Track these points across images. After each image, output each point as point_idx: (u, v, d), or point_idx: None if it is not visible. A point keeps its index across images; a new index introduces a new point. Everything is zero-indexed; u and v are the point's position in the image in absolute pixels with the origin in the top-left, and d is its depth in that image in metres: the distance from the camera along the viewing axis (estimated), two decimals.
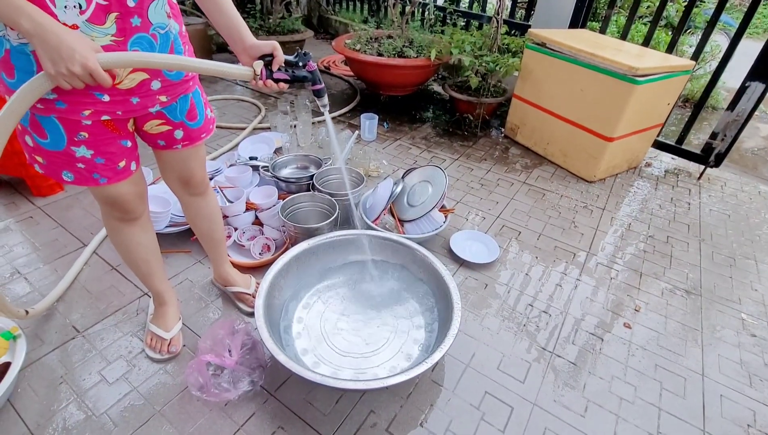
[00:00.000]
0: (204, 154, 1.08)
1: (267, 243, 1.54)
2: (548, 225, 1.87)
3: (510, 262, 1.63)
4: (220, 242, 1.28)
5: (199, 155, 1.05)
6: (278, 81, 0.87)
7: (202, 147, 1.05)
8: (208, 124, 1.02)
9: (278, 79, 0.87)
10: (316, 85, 0.92)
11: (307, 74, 0.90)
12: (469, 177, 2.19)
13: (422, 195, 1.64)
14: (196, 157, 1.04)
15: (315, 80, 0.92)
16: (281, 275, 1.28)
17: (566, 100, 2.18)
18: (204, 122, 1.00)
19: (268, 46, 0.86)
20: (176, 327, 1.21)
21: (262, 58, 0.86)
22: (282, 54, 0.87)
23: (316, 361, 1.18)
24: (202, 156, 1.07)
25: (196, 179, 1.07)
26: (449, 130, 2.66)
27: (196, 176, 1.07)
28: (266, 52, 0.86)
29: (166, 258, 1.51)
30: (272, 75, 0.86)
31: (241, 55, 0.89)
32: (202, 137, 1.01)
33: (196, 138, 1.00)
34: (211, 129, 1.04)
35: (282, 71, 0.87)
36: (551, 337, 1.33)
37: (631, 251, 1.74)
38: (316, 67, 0.91)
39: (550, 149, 2.37)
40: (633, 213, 1.99)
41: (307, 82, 0.90)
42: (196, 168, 1.06)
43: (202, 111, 0.99)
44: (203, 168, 1.09)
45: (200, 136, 1.01)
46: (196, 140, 1.00)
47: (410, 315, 1.33)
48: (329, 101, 1.03)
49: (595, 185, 2.20)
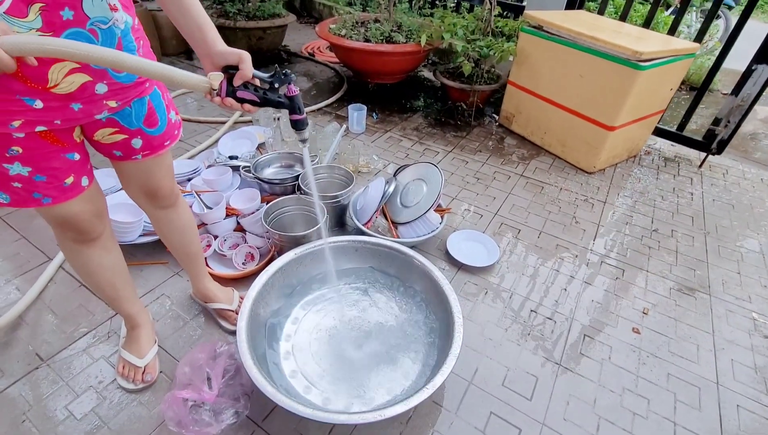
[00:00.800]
0: (170, 163, 0.95)
1: (250, 251, 1.42)
2: (549, 221, 1.78)
3: (511, 264, 1.54)
4: (196, 256, 1.16)
5: (165, 164, 0.92)
6: (243, 101, 0.71)
7: (167, 155, 0.92)
8: (171, 130, 0.89)
9: (243, 99, 0.71)
10: (295, 114, 0.75)
11: (284, 100, 0.73)
12: (464, 170, 2.08)
13: (416, 195, 1.54)
14: (160, 168, 0.91)
15: (293, 109, 0.74)
16: (266, 290, 1.18)
17: (564, 86, 2.07)
18: (167, 128, 0.87)
19: (234, 55, 0.70)
20: (151, 352, 1.10)
21: (226, 70, 0.70)
22: (250, 68, 0.70)
23: (307, 385, 1.08)
24: (169, 165, 0.94)
25: (163, 191, 0.95)
26: (441, 120, 2.54)
27: (163, 188, 0.94)
28: (231, 63, 0.70)
29: (140, 271, 1.38)
30: (234, 92, 0.70)
31: (204, 60, 0.73)
32: (166, 145, 0.89)
33: (159, 146, 0.87)
34: (176, 135, 0.91)
35: (249, 90, 0.70)
36: (558, 347, 1.25)
37: (636, 247, 1.66)
38: (298, 92, 0.74)
39: (547, 139, 2.26)
40: (635, 206, 1.91)
41: (283, 108, 0.74)
42: (162, 179, 0.93)
43: (164, 115, 0.86)
44: (171, 178, 0.96)
45: (163, 144, 0.88)
46: (158, 149, 0.87)
47: (407, 328, 1.24)
48: (311, 97, 0.90)
49: (595, 176, 2.11)
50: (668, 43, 1.93)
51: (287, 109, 0.75)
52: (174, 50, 3.16)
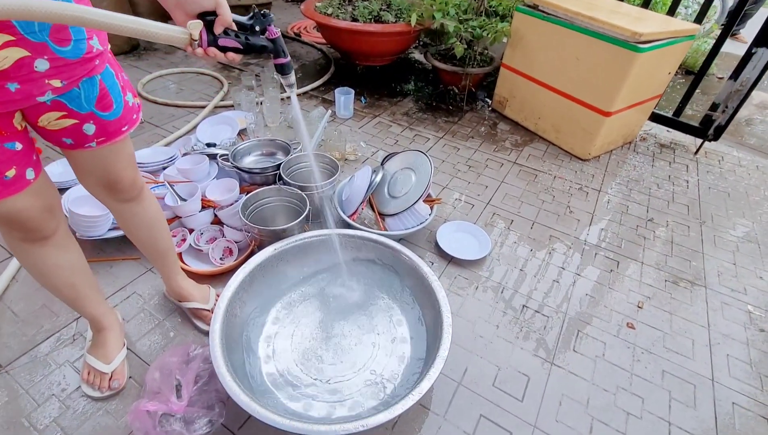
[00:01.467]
0: (131, 151, 0.85)
1: (228, 246, 1.34)
2: (542, 211, 1.72)
3: (502, 256, 1.48)
4: (167, 252, 1.08)
5: (124, 153, 0.83)
6: (225, 50, 0.66)
7: (126, 142, 0.82)
8: (129, 114, 0.80)
9: (225, 47, 0.66)
10: (280, 58, 0.71)
11: (267, 43, 0.69)
12: (455, 158, 2.00)
13: (405, 184, 1.46)
14: (119, 156, 0.82)
15: (278, 51, 0.71)
16: (243, 289, 1.10)
17: (560, 70, 1.98)
18: (123, 111, 0.78)
19: (210, 0, 0.63)
20: (119, 357, 1.02)
21: (203, 18, 0.64)
22: (229, 12, 0.65)
23: (288, 390, 1.02)
24: (129, 153, 0.85)
25: (124, 183, 0.86)
26: (432, 105, 2.45)
27: (123, 179, 0.85)
28: (207, 9, 0.64)
29: (110, 267, 1.30)
30: (216, 41, 0.64)
31: (174, 11, 0.64)
32: (124, 130, 0.79)
33: (115, 132, 0.78)
34: (134, 119, 0.82)
35: (231, 37, 0.65)
36: (550, 344, 1.20)
37: (631, 238, 1.62)
38: (280, 34, 0.69)
39: (541, 124, 2.19)
40: (630, 194, 1.86)
41: (266, 53, 0.70)
42: (122, 169, 0.84)
43: (119, 97, 0.76)
44: (132, 167, 0.87)
45: (120, 129, 0.78)
46: (115, 135, 0.78)
47: (394, 326, 1.18)
48: (296, 79, 0.83)
49: (590, 163, 2.05)
50: (668, 24, 1.85)
51: (271, 54, 0.70)
52: None
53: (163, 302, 1.22)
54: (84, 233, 1.28)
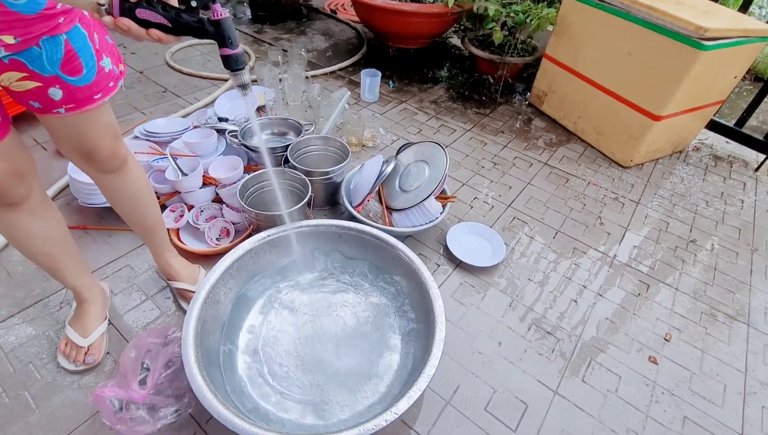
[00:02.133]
0: (109, 120, 0.79)
1: (226, 226, 1.29)
2: (569, 219, 1.56)
3: (517, 266, 1.36)
4: (155, 229, 1.03)
5: (100, 122, 0.77)
6: (147, 24, 0.53)
7: (101, 111, 0.76)
8: (104, 81, 0.73)
9: (145, 20, 0.53)
10: (225, 47, 0.57)
11: (207, 26, 0.54)
12: (480, 153, 1.86)
13: (417, 178, 1.35)
14: (94, 126, 0.77)
15: (222, 38, 0.56)
16: (230, 275, 1.05)
17: (608, 65, 1.79)
18: (97, 78, 0.72)
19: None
20: (97, 331, 1.00)
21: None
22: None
23: (264, 388, 0.97)
24: (106, 122, 0.79)
25: (101, 153, 0.81)
26: (464, 94, 2.29)
27: (101, 150, 0.80)
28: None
29: (108, 237, 1.28)
30: (133, 11, 0.52)
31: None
32: (96, 99, 0.73)
33: (86, 100, 0.72)
34: (111, 87, 0.76)
35: (155, 9, 0.52)
36: (556, 370, 1.08)
37: (667, 260, 1.44)
38: (228, 15, 0.55)
39: (581, 124, 2.00)
40: (673, 210, 1.66)
41: (206, 37, 0.56)
42: (98, 139, 0.79)
43: (91, 61, 0.70)
44: (112, 138, 0.81)
45: (92, 97, 0.72)
46: (86, 103, 0.72)
47: (385, 332, 1.09)
48: (304, 64, 0.73)
49: (631, 171, 1.85)
50: (739, 21, 1.61)
51: (214, 40, 0.56)
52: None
53: (155, 278, 1.19)
54: (85, 200, 1.26)
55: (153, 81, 2.09)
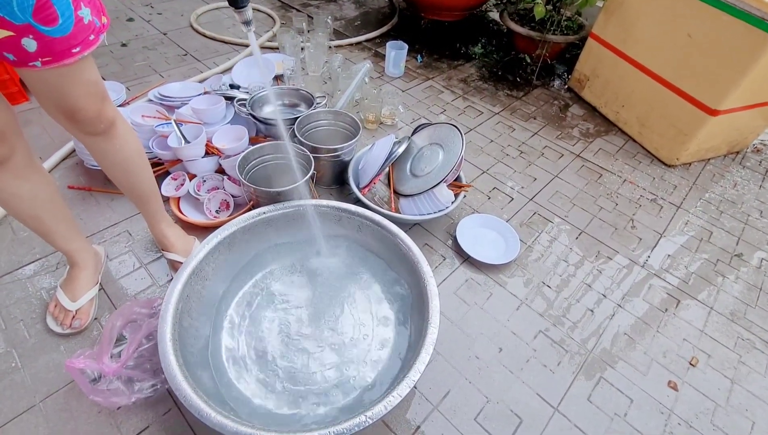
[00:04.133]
0: (92, 78, 0.74)
1: (226, 199, 1.25)
2: (596, 219, 1.42)
3: (532, 267, 1.25)
4: (148, 197, 1.00)
5: (82, 79, 0.72)
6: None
7: (82, 67, 0.71)
8: (83, 33, 0.67)
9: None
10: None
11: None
12: (507, 139, 1.72)
13: (430, 163, 1.25)
14: (74, 83, 0.71)
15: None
16: (220, 251, 1.01)
17: (662, 48, 1.58)
18: (74, 29, 0.65)
19: None
20: (86, 296, 0.99)
21: None
22: None
23: (242, 371, 0.93)
24: (90, 80, 0.73)
25: (84, 114, 0.76)
26: (497, 73, 2.13)
27: (83, 111, 0.75)
28: None
29: (111, 200, 1.27)
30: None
31: None
32: (74, 53, 0.67)
33: (64, 54, 0.66)
34: (91, 41, 0.69)
35: None
36: (561, 385, 0.99)
37: (704, 274, 1.29)
38: None
39: (623, 114, 1.81)
40: (720, 218, 1.48)
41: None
42: (79, 98, 0.74)
43: (68, 10, 0.63)
44: (95, 98, 0.76)
45: (69, 51, 0.67)
46: (63, 57, 0.67)
47: (379, 325, 1.03)
48: (330, 27, 0.69)
49: (675, 171, 1.67)
50: None
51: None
52: None
53: (152, 246, 1.17)
54: (89, 162, 1.25)
55: (175, 43, 2.05)
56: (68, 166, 1.36)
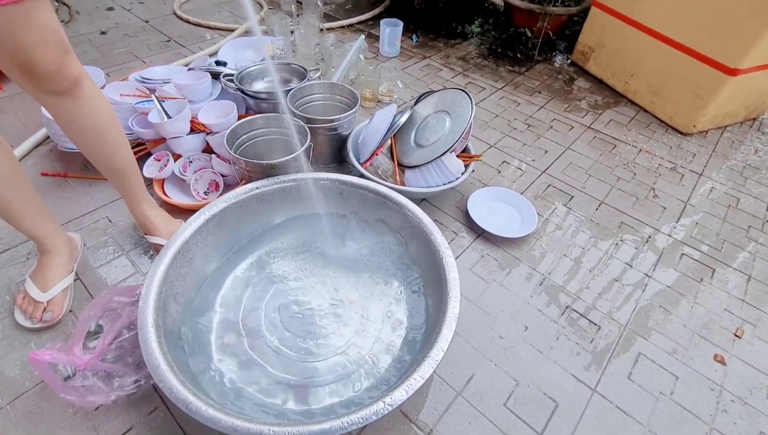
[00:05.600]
0: (49, 22, 0.63)
1: (215, 179, 1.14)
2: (615, 189, 1.33)
3: (551, 239, 1.15)
4: (125, 173, 0.89)
5: (37, 24, 0.61)
6: None
7: (36, 7, 0.60)
8: None
9: None
10: None
11: None
12: (512, 113, 1.63)
13: (436, 131, 1.15)
14: (28, 26, 0.61)
15: None
16: (208, 229, 0.90)
17: (675, 8, 1.49)
18: None
19: None
20: (59, 285, 0.88)
21: None
22: None
23: (239, 356, 0.82)
24: (46, 24, 0.63)
25: (42, 68, 0.65)
26: (497, 51, 2.03)
27: (40, 61, 0.64)
28: None
29: (89, 186, 1.16)
30: None
31: None
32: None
33: None
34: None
35: None
36: (596, 362, 0.89)
37: (737, 241, 1.19)
38: None
39: (633, 84, 1.72)
40: (745, 184, 1.39)
41: None
42: (37, 46, 0.63)
43: None
44: (58, 48, 0.65)
45: None
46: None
47: (389, 303, 0.92)
48: (344, 10, 0.56)
49: (692, 139, 1.58)
50: None
51: None
52: None
53: (133, 233, 1.06)
54: (63, 144, 1.14)
55: (158, 30, 1.95)
56: (42, 154, 1.25)
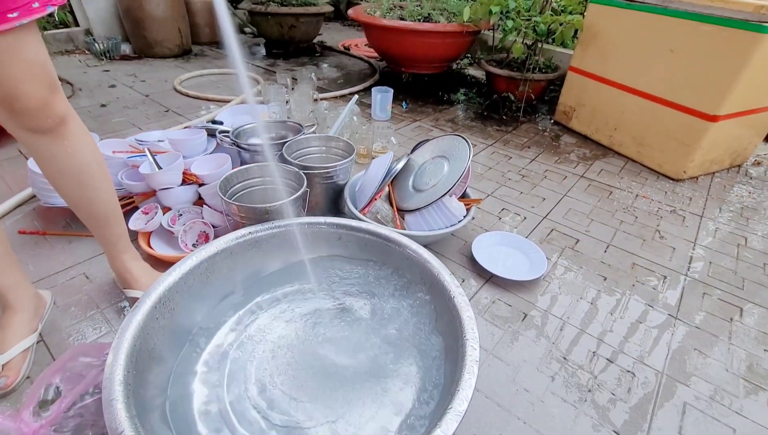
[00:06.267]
0: (37, 57, 0.62)
1: (205, 230, 1.08)
2: (620, 232, 1.29)
3: (562, 282, 1.08)
4: (107, 220, 0.83)
5: (23, 57, 0.60)
6: None
7: (24, 40, 0.59)
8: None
9: None
10: None
11: None
12: (505, 166, 1.65)
13: (435, 175, 1.13)
14: (12, 59, 0.59)
15: None
16: (194, 278, 0.82)
17: (646, 66, 1.60)
18: None
19: None
20: (18, 347, 0.76)
21: None
22: None
23: (224, 432, 0.69)
24: (33, 59, 0.61)
25: (26, 102, 0.62)
26: (483, 114, 2.14)
27: (24, 96, 0.62)
28: None
29: (69, 242, 1.08)
30: None
31: None
32: (10, 18, 0.56)
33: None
34: (35, 9, 0.58)
35: None
36: (640, 416, 0.77)
37: (756, 278, 1.14)
38: None
39: (617, 137, 1.78)
40: (748, 224, 1.37)
41: None
42: (20, 80, 0.61)
43: None
44: (44, 83, 0.64)
45: (4, 14, 0.55)
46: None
47: (394, 354, 0.82)
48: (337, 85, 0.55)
49: (684, 185, 1.59)
50: None
51: None
52: (207, 38, 3.05)
53: (112, 289, 0.97)
54: (47, 199, 1.09)
55: (157, 103, 2.01)
56: (24, 212, 1.19)
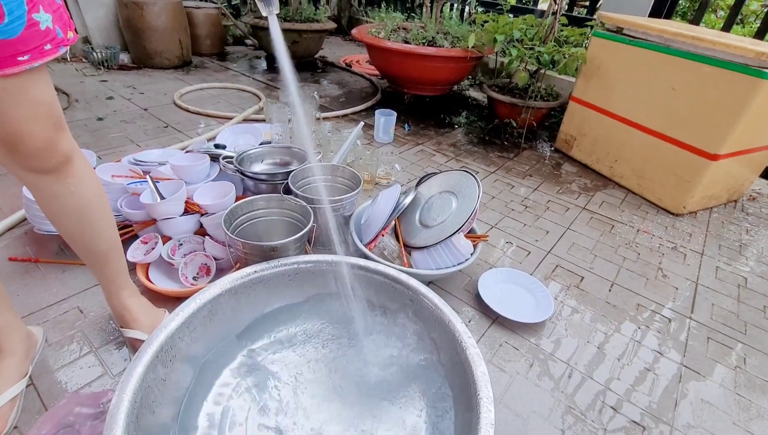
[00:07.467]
0: (45, 98, 0.60)
1: (206, 263, 1.05)
2: (624, 270, 1.29)
3: (569, 323, 1.07)
4: (107, 255, 0.79)
5: (29, 98, 0.57)
6: None
7: (32, 81, 0.57)
8: (36, 39, 0.55)
9: None
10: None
11: None
12: (508, 195, 1.65)
13: (442, 211, 1.12)
14: (18, 100, 0.57)
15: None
16: (198, 321, 0.79)
17: (648, 103, 1.62)
18: (24, 32, 0.53)
19: None
20: (5, 395, 0.72)
21: None
22: None
23: None
24: (40, 100, 0.59)
25: (29, 143, 0.60)
26: (485, 139, 2.14)
27: (28, 137, 0.59)
28: None
29: (62, 272, 1.04)
30: None
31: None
32: (21, 61, 0.54)
33: (7, 60, 0.53)
34: (47, 51, 0.56)
35: None
36: None
37: (757, 323, 1.14)
38: None
39: (618, 168, 1.80)
40: (748, 263, 1.39)
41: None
42: (25, 121, 0.58)
43: (20, 10, 0.52)
44: (49, 124, 0.61)
45: (15, 58, 0.53)
46: (6, 64, 0.53)
47: (402, 409, 0.79)
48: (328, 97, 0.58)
49: (684, 220, 1.61)
50: None
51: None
52: (207, 50, 3.03)
53: (106, 325, 0.93)
54: (40, 226, 1.05)
55: (156, 117, 1.98)
56: (15, 237, 1.14)
